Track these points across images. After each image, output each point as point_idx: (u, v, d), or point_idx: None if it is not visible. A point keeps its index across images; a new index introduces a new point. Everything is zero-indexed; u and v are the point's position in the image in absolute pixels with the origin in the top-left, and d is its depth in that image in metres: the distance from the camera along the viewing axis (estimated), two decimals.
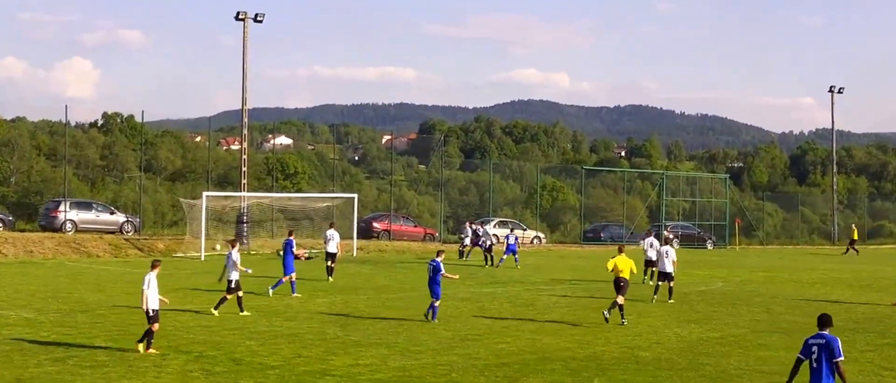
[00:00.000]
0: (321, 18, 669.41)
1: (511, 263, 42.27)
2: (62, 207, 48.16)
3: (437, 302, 23.92)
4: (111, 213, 50.13)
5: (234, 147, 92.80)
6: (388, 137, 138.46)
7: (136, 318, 21.76)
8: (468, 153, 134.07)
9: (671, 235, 51.97)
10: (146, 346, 18.40)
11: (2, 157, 64.67)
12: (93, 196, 59.03)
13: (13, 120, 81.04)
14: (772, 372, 17.99)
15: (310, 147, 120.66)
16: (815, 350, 12.46)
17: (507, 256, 42.73)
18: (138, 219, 51.47)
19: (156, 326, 18.48)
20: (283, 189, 69.69)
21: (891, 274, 42.94)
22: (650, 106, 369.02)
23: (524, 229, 58.73)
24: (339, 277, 34.40)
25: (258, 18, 52.62)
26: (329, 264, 34.29)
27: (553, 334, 22.23)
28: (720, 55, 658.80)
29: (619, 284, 24.28)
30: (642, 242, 39.76)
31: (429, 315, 23.89)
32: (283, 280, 29.06)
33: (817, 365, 12.39)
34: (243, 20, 52.16)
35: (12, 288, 29.89)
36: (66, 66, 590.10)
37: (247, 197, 51.35)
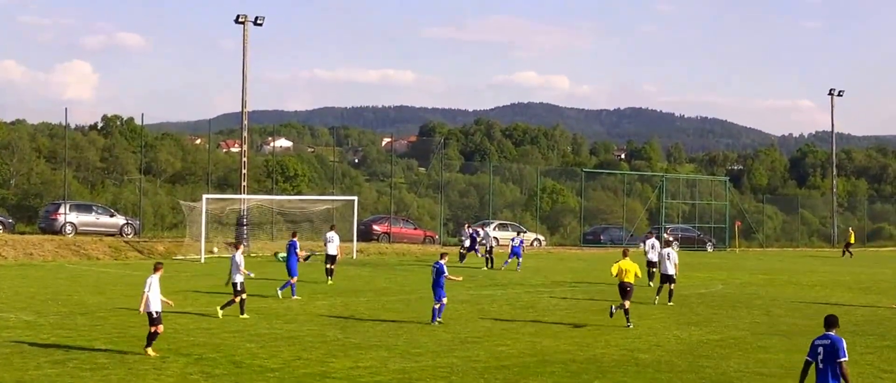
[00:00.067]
0: (321, 21, 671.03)
1: (513, 265, 42.18)
2: (62, 210, 48.17)
3: (440, 303, 23.86)
4: (111, 216, 50.14)
5: (233, 149, 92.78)
6: (388, 140, 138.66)
7: (136, 321, 21.77)
8: (468, 156, 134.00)
9: (671, 238, 51.98)
10: (146, 346, 18.39)
11: (2, 160, 64.64)
12: (93, 198, 58.98)
13: (13, 122, 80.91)
14: (771, 375, 18.00)
15: (310, 149, 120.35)
16: (821, 351, 12.48)
17: (511, 259, 42.57)
18: (138, 221, 51.48)
19: (160, 328, 18.48)
20: (283, 191, 69.63)
21: (890, 276, 42.96)
22: (650, 109, 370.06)
23: (524, 232, 58.73)
24: (339, 280, 34.42)
25: (258, 21, 52.65)
26: (329, 266, 34.31)
27: (553, 336, 22.24)
28: (720, 58, 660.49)
29: (625, 290, 24.11)
30: (643, 244, 39.82)
31: (435, 316, 23.85)
32: (292, 281, 29.14)
33: (823, 367, 12.40)
34: (243, 23, 52.19)
35: (12, 290, 29.88)
36: (65, 69, 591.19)
37: (247, 199, 51.36)
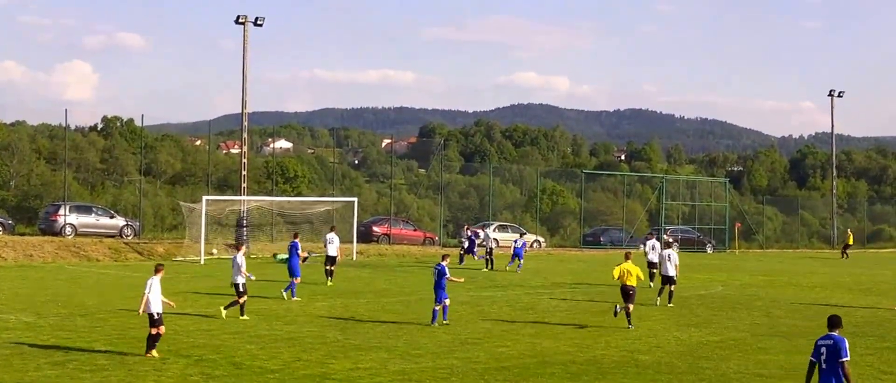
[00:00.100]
0: (321, 21, 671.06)
1: (516, 267, 42.14)
2: (62, 211, 48.14)
3: (442, 304, 23.81)
4: (111, 217, 50.11)
5: (233, 150, 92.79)
6: (388, 141, 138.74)
7: (135, 322, 21.77)
8: (468, 157, 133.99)
9: (671, 239, 51.98)
10: (147, 349, 18.39)
11: (1, 161, 64.63)
12: (92, 200, 58.97)
13: (13, 123, 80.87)
14: (771, 376, 18.00)
15: (310, 151, 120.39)
16: (824, 351, 12.52)
17: (514, 261, 42.54)
18: (138, 222, 51.46)
19: (162, 329, 18.47)
20: (283, 193, 69.60)
21: (890, 278, 42.98)
22: (650, 110, 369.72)
23: (523, 233, 58.71)
24: (339, 281, 34.42)
25: (258, 22, 52.66)
26: (329, 268, 34.30)
27: (553, 338, 22.23)
28: (720, 58, 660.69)
29: (628, 293, 24.05)
30: (644, 245, 39.82)
31: (440, 317, 23.82)
32: (295, 282, 29.15)
33: (826, 367, 12.45)
34: (243, 24, 52.20)
35: (12, 291, 29.88)
36: (65, 70, 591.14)
37: (247, 201, 51.34)
